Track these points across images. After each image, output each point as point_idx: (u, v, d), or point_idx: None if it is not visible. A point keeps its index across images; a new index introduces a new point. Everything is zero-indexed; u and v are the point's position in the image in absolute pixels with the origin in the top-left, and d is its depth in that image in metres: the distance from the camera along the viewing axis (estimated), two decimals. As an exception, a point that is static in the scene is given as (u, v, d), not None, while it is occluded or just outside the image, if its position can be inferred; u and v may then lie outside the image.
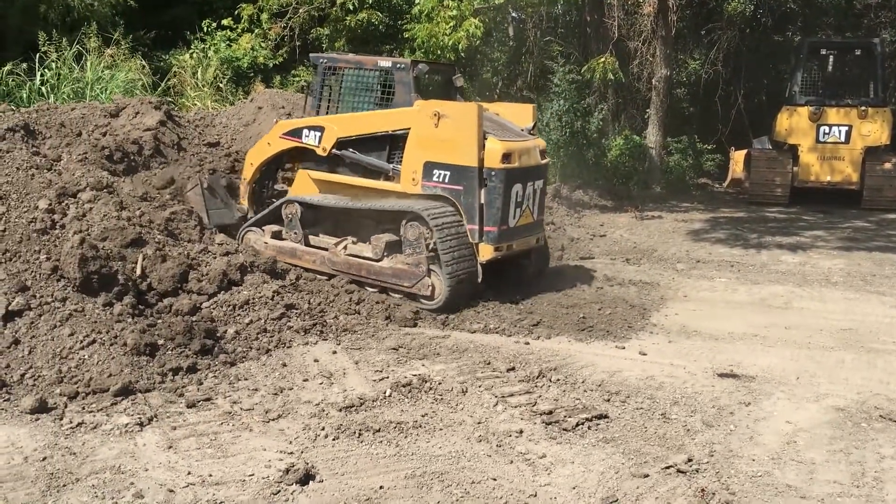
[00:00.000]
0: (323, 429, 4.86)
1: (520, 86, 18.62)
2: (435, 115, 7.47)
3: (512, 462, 4.53)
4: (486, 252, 7.55)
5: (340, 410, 5.16)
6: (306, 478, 4.22)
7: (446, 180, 7.55)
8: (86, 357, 5.52)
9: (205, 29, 16.24)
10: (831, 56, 15.28)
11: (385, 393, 5.45)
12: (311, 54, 9.14)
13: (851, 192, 14.35)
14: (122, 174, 8.55)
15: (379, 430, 4.86)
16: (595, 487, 4.26)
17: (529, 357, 6.33)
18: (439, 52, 12.34)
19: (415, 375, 5.75)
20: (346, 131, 8.09)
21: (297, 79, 16.10)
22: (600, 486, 4.26)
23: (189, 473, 4.30)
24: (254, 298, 6.86)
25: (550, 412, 5.20)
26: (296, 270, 7.85)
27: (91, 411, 5.05)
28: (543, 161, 8.11)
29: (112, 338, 5.72)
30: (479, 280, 7.54)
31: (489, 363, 6.14)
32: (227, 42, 16.12)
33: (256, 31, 16.27)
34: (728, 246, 11.03)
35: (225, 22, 16.27)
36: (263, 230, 8.43)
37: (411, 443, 4.74)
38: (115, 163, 8.62)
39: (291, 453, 4.57)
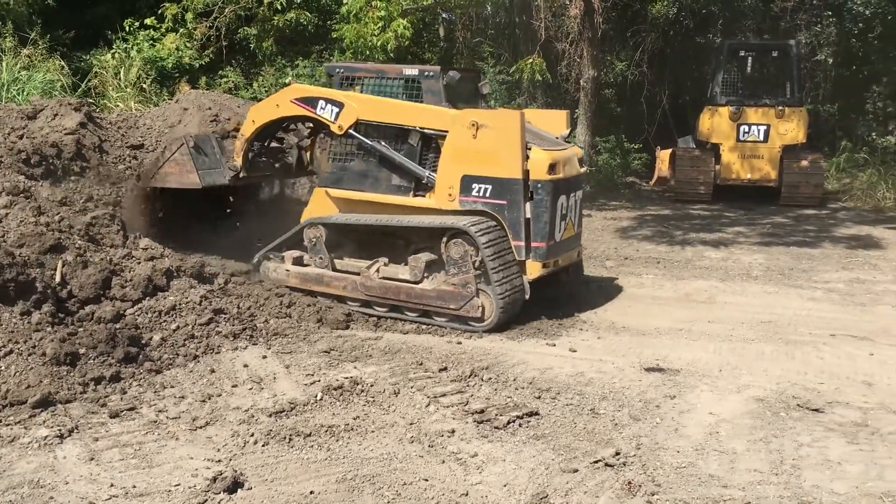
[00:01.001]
0: (252, 435, 4.79)
1: (450, 86, 18.64)
2: (473, 125, 7.02)
3: (444, 462, 4.54)
4: (533, 269, 7.14)
5: (270, 416, 5.10)
6: (234, 486, 4.15)
7: (487, 194, 7.08)
8: (2, 368, 5.33)
9: (127, 28, 15.83)
10: (750, 57, 15.78)
11: (316, 396, 5.40)
12: (326, 65, 8.62)
13: (770, 189, 14.83)
14: (40, 178, 8.25)
15: (310, 435, 4.81)
16: (526, 484, 4.30)
17: (462, 356, 6.36)
18: (368, 52, 12.30)
19: (347, 378, 5.72)
20: (368, 113, 7.53)
21: (225, 79, 15.84)
22: (531, 483, 4.31)
23: (112, 486, 4.19)
24: (181, 304, 6.72)
25: (482, 411, 5.23)
26: (224, 274, 7.72)
27: (8, 424, 4.87)
28: (582, 170, 7.77)
29: (30, 348, 5.53)
30: (527, 298, 7.13)
31: (421, 364, 6.15)
32: (151, 42, 15.74)
33: (181, 30, 15.93)
34: (654, 243, 11.28)
35: (148, 21, 15.89)
36: (283, 257, 7.88)
37: (342, 446, 4.71)
38: (33, 167, 8.32)
39: (219, 461, 4.49)
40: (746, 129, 14.77)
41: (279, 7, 15.53)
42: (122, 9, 16.54)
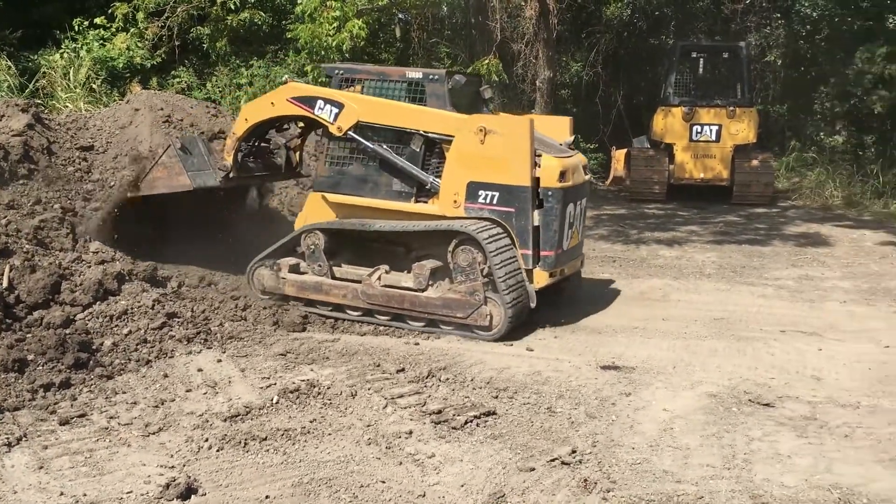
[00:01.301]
0: (206, 440, 4.73)
1: (407, 87, 18.62)
2: (481, 130, 6.85)
3: (401, 463, 4.53)
4: (541, 278, 7.00)
5: (225, 420, 5.03)
6: (188, 492, 4.09)
7: (494, 202, 6.92)
8: (-54, 376, 5.19)
9: (76, 28, 15.50)
10: (702, 59, 16.06)
11: (272, 400, 5.35)
12: (324, 65, 8.25)
13: (723, 188, 15.10)
14: (-15, 181, 8.05)
15: (265, 439, 4.77)
16: (483, 484, 4.31)
17: (419, 357, 6.35)
18: (323, 52, 12.21)
19: (303, 381, 5.68)
20: (369, 115, 7.29)
21: (178, 80, 15.60)
22: (488, 483, 4.32)
23: (62, 494, 4.10)
24: (132, 308, 6.62)
25: (440, 411, 5.23)
26: (178, 277, 7.61)
27: (-47, 434, 4.74)
28: (587, 177, 7.73)
29: (-24, 355, 5.39)
30: (533, 307, 7.02)
31: (379, 365, 6.13)
32: (101, 42, 15.41)
33: (132, 30, 15.63)
34: (610, 242, 11.40)
35: (98, 21, 15.55)
36: (278, 265, 7.58)
37: (299, 449, 4.67)
38: (-22, 169, 8.11)
39: (173, 467, 4.42)
40: (699, 130, 15.01)
41: (233, 7, 15.33)
42: (70, 8, 16.17)
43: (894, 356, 6.57)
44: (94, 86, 14.15)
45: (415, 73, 7.48)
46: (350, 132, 7.36)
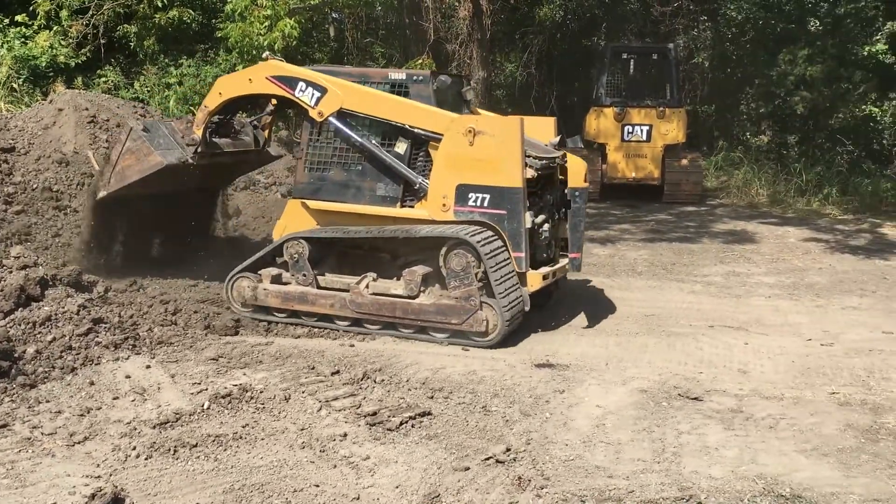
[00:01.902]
0: (134, 448, 4.60)
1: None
2: (469, 131, 6.67)
3: (335, 466, 4.50)
4: (534, 281, 6.88)
5: (154, 427, 4.91)
6: (115, 502, 3.97)
7: (485, 204, 6.74)
8: None
9: (-5, 25, 14.97)
10: (632, 60, 16.36)
11: (203, 406, 5.25)
12: (311, 67, 7.78)
13: (654, 187, 15.42)
14: None
15: (196, 445, 4.67)
16: (418, 485, 4.31)
17: (354, 359, 6.31)
18: (254, 52, 12.04)
19: (235, 385, 5.58)
20: (353, 103, 7.04)
21: (104, 79, 15.19)
22: (423, 483, 4.32)
23: (-19, 509, 3.95)
24: (56, 314, 6.39)
25: (374, 413, 5.21)
26: (104, 282, 7.40)
27: None
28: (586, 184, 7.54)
29: None
30: (527, 310, 6.87)
31: (313, 368, 6.07)
32: (23, 40, 14.91)
33: (55, 28, 15.16)
34: (545, 241, 11.51)
35: (19, 18, 15.05)
36: (259, 275, 7.29)
37: (231, 455, 4.59)
38: None
39: (99, 477, 4.30)
40: (630, 130, 15.29)
41: (160, 4, 14.99)
42: (-11, 5, 15.63)
43: (816, 349, 6.81)
44: (14, 85, 13.68)
45: (398, 75, 7.29)
46: (331, 118, 7.12)
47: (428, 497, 4.17)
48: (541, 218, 7.09)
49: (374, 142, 7.10)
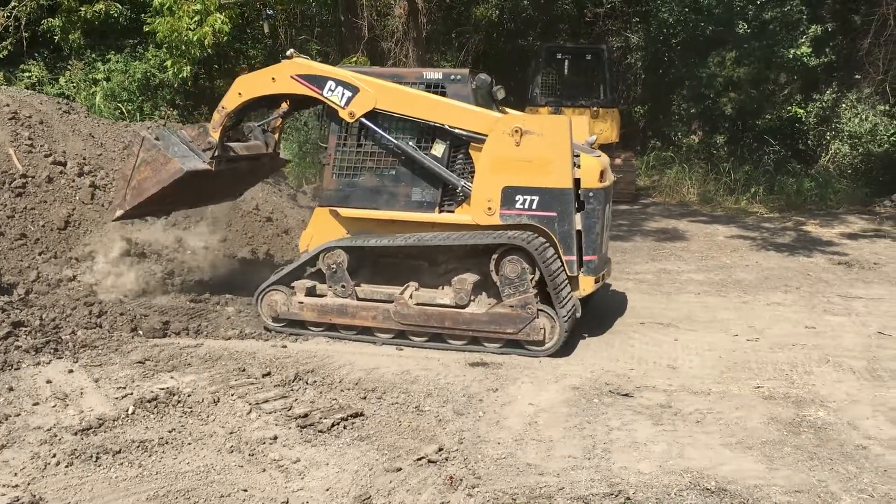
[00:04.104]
0: (54, 456, 4.44)
1: (277, 84, 18.27)
2: (516, 131, 6.45)
3: (265, 470, 4.42)
4: (586, 285, 6.71)
5: (76, 434, 4.75)
6: (32, 512, 3.84)
7: (534, 206, 6.51)
8: None
9: (-90, 17, 14.35)
10: (567, 60, 16.54)
11: (128, 410, 5.10)
12: (341, 66, 7.42)
13: (588, 186, 15.58)
14: None
15: (119, 452, 4.53)
16: (349, 487, 4.26)
17: (286, 361, 6.22)
18: (184, 47, 11.76)
19: (162, 389, 5.45)
20: (387, 103, 6.75)
21: (27, 74, 14.68)
22: (354, 485, 4.27)
23: None
24: (-27, 318, 6.15)
25: (306, 415, 5.14)
26: (25, 284, 7.14)
27: None
28: (613, 179, 7.48)
29: None
30: (579, 317, 6.67)
31: (244, 370, 5.96)
32: (-60, 32, 14.35)
33: (-25, 21, 14.63)
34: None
35: (-65, 10, 14.48)
36: (293, 288, 6.95)
37: (156, 461, 4.47)
38: None
39: (16, 486, 4.13)
40: (565, 129, 15.42)
41: (86, -3, 14.58)
42: None
43: (742, 344, 6.98)
44: (-69, 80, 13.14)
45: (434, 74, 6.95)
46: (363, 119, 6.85)
47: (358, 499, 4.13)
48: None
49: (409, 144, 6.82)
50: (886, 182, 16.37)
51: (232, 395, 5.46)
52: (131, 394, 5.40)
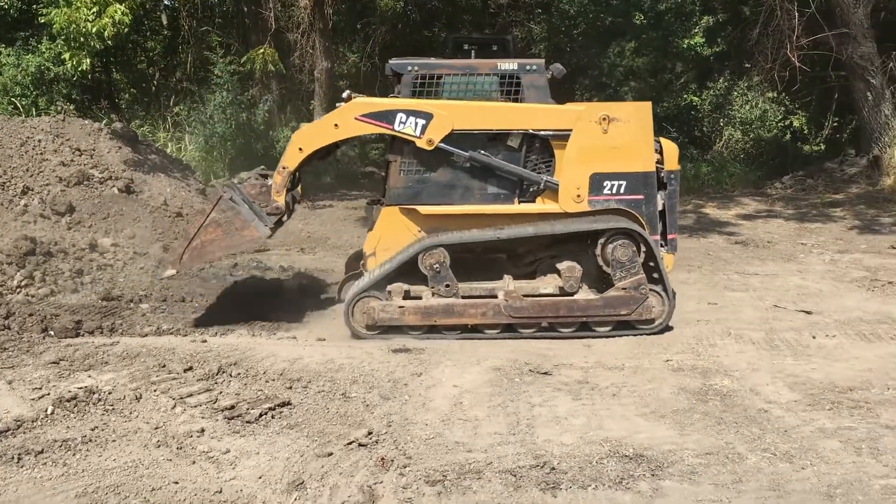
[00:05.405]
0: (-28, 460, 4.32)
1: (179, 77, 17.89)
2: (604, 119, 6.67)
3: (194, 462, 4.41)
4: (670, 262, 6.98)
5: (-7, 437, 4.63)
6: (-45, 517, 3.74)
7: (622, 191, 6.75)
8: None
9: None
10: (473, 51, 16.70)
11: (47, 411, 4.98)
12: (391, 61, 7.23)
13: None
14: None
15: (42, 452, 4.44)
16: (281, 473, 4.30)
17: (208, 355, 6.17)
18: (82, 39, 11.35)
19: (80, 388, 5.33)
20: (464, 122, 6.75)
21: None
22: (286, 472, 4.32)
23: None
24: None
25: (232, 407, 5.13)
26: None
27: None
28: None
29: None
30: None
31: (164, 366, 5.88)
32: None
33: None
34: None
35: None
36: (389, 292, 6.77)
37: (81, 460, 4.40)
38: None
39: (-66, 493, 4.01)
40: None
41: (-28, -13, 13.90)
42: None
43: (651, 321, 7.30)
44: None
45: (509, 65, 6.96)
46: (442, 144, 6.78)
47: (292, 485, 4.18)
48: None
49: (485, 153, 6.85)
50: (776, 165, 17.29)
51: (154, 391, 5.40)
52: (48, 394, 5.26)
